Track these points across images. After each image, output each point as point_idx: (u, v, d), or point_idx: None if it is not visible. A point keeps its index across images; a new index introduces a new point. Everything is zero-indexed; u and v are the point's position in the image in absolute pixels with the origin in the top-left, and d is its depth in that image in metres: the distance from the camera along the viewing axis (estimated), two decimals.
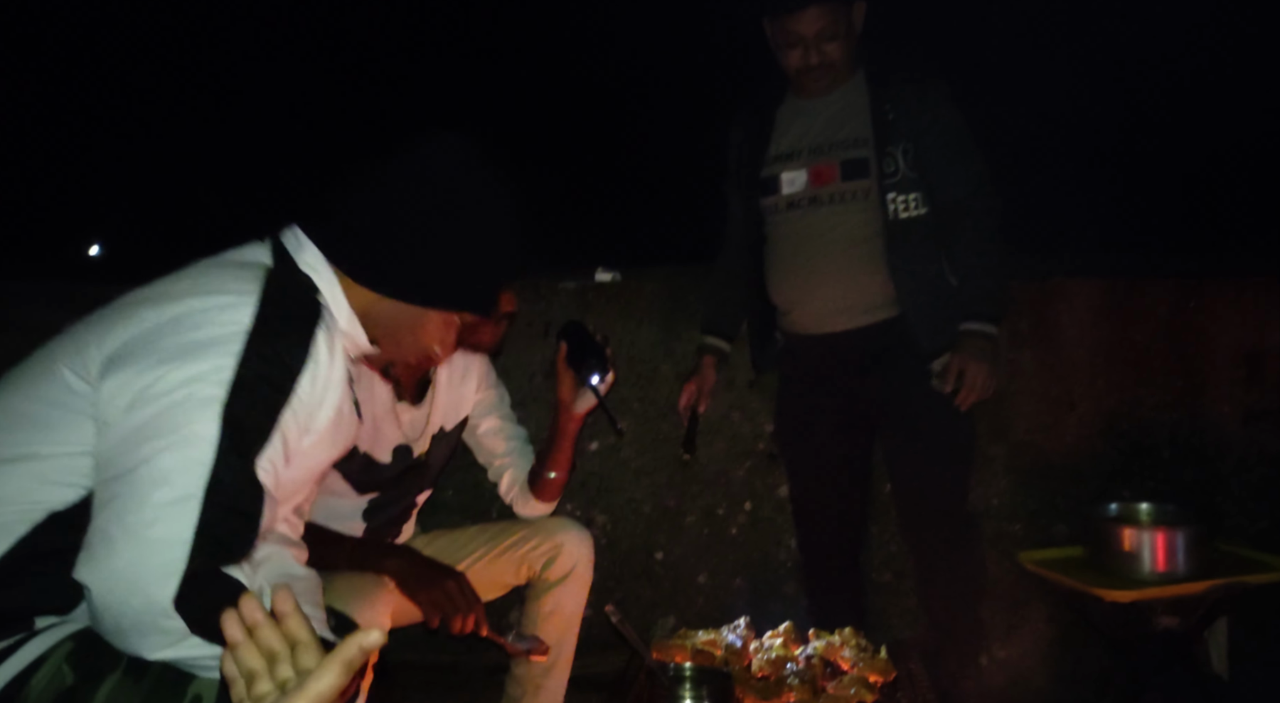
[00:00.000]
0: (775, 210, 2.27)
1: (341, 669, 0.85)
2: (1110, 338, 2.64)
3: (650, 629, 2.68)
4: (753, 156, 2.30)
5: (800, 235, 2.23)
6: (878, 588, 2.60)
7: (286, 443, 1.21)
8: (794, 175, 2.24)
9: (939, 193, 2.17)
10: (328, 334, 1.25)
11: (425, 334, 1.43)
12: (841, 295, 2.20)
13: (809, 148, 2.24)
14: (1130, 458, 2.61)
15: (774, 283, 2.30)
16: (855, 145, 2.19)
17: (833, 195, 2.20)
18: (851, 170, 2.19)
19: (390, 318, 1.39)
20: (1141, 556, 2.14)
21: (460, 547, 2.18)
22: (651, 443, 2.73)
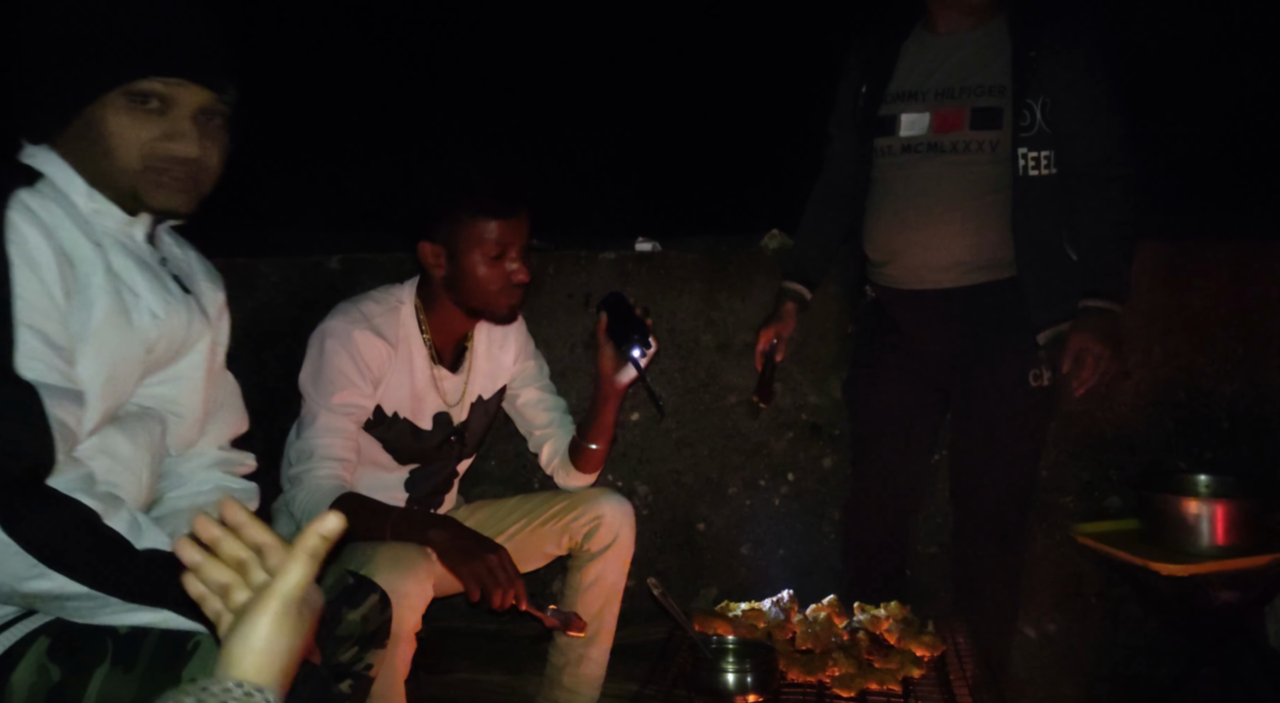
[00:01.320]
0: (888, 153, 2.12)
1: (308, 560, 0.86)
2: (1168, 304, 2.55)
3: (692, 600, 2.68)
4: (871, 92, 2.15)
5: (913, 183, 2.08)
6: (923, 560, 2.57)
7: (47, 335, 1.16)
8: (915, 117, 2.08)
9: (1072, 154, 2.02)
10: (27, 211, 1.17)
11: (110, 135, 1.26)
12: (951, 251, 2.06)
13: (936, 89, 2.07)
14: (1187, 428, 2.52)
15: (874, 231, 2.16)
16: (990, 93, 2.02)
17: (956, 144, 2.04)
18: (982, 119, 2.02)
19: (80, 152, 1.27)
20: (1200, 529, 2.07)
21: (502, 517, 2.19)
22: (693, 414, 2.71)
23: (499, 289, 1.95)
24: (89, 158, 1.29)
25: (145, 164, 1.29)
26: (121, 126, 1.27)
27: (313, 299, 2.70)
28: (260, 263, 2.81)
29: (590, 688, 2.17)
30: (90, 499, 1.15)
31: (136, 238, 1.35)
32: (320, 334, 1.96)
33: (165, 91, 1.28)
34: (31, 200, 1.20)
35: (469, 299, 1.98)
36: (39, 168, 1.27)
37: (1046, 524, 2.53)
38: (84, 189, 1.28)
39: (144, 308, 1.32)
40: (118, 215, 1.32)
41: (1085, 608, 2.53)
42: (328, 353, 1.92)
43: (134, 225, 1.34)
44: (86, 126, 1.28)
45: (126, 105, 1.27)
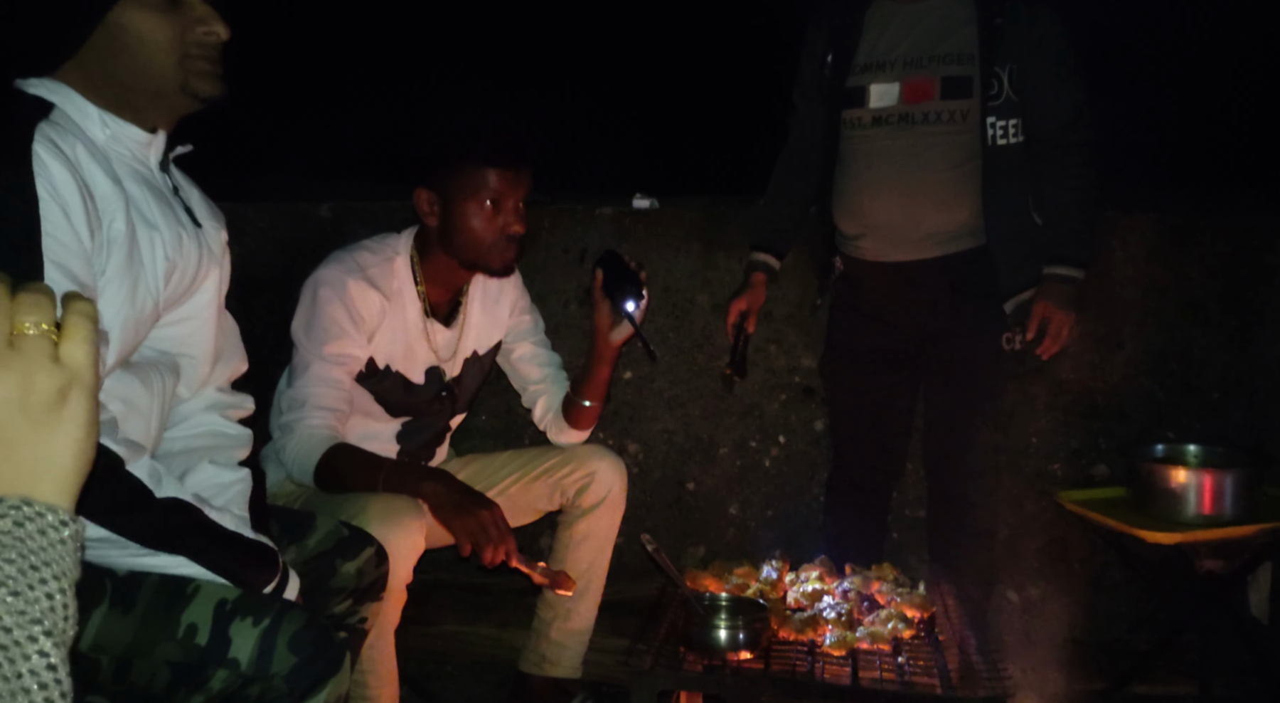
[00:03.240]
0: (857, 125, 2.10)
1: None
2: (1163, 275, 2.55)
3: (679, 559, 2.69)
4: (837, 62, 2.12)
5: (884, 154, 2.07)
6: (910, 523, 2.58)
7: (74, 272, 1.13)
8: (885, 88, 2.06)
9: (1035, 121, 2.03)
10: (53, 146, 1.14)
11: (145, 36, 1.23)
12: (926, 223, 2.06)
13: (904, 59, 2.05)
14: (1178, 399, 2.54)
15: (845, 204, 2.15)
16: (959, 61, 2.02)
17: (928, 114, 2.03)
18: (952, 88, 2.02)
19: (109, 63, 1.23)
20: (1187, 497, 2.09)
21: (494, 472, 2.18)
22: (685, 374, 2.70)
23: (492, 242, 1.92)
24: (117, 70, 1.24)
25: (183, 53, 1.26)
26: (150, 25, 1.23)
27: (302, 247, 2.65)
28: (249, 209, 2.76)
29: (578, 643, 2.18)
30: (115, 445, 1.14)
31: (151, 164, 1.32)
32: (314, 283, 1.92)
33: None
34: (53, 133, 1.16)
35: (462, 251, 1.94)
36: (48, 98, 1.22)
37: (1033, 490, 2.55)
38: (97, 116, 1.24)
39: (160, 241, 1.29)
40: (136, 137, 1.28)
41: (1068, 574, 2.56)
42: (321, 302, 1.89)
43: (150, 148, 1.30)
44: (110, 37, 1.23)
45: (144, 3, 1.23)
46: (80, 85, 1.25)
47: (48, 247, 1.11)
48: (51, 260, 1.11)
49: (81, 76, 1.24)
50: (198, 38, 1.27)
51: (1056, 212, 2.07)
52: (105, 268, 1.20)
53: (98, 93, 1.25)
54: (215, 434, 1.48)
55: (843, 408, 2.34)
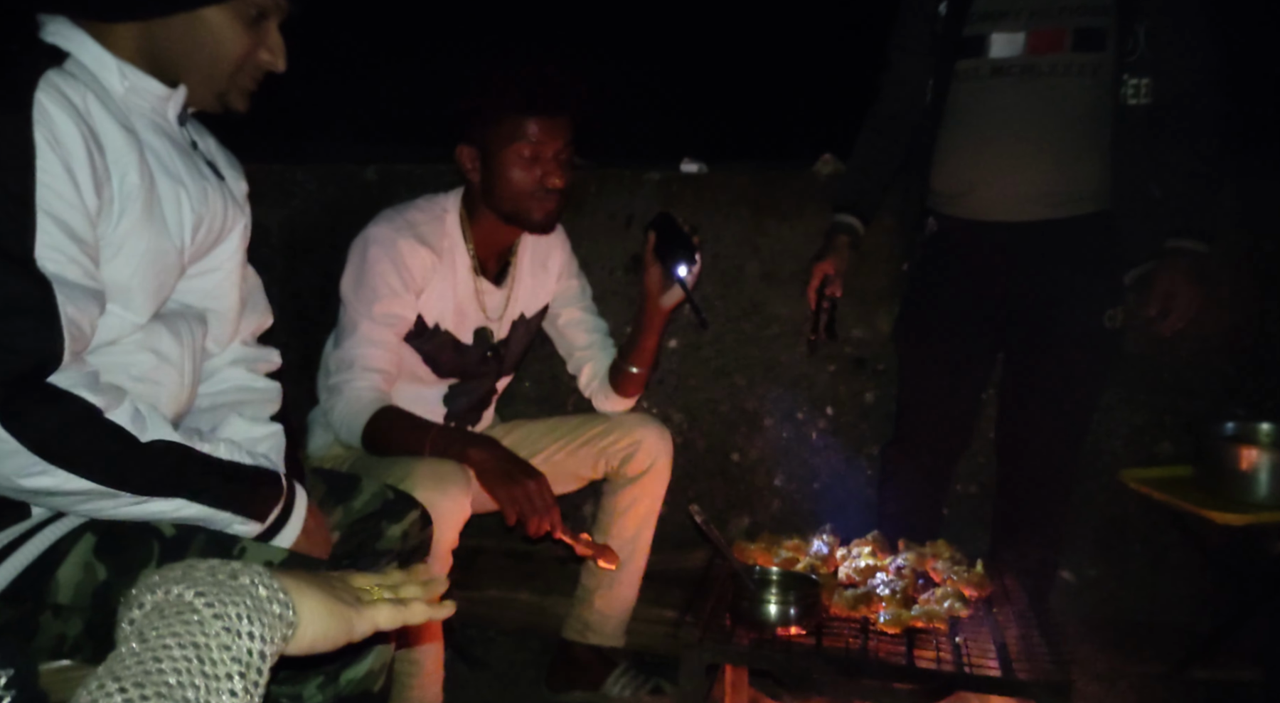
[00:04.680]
0: (974, 76, 1.99)
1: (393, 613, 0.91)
2: (1240, 245, 2.42)
3: (725, 530, 2.66)
4: (953, 11, 2.00)
5: (1004, 107, 1.95)
6: (963, 499, 2.52)
7: (70, 226, 1.10)
8: (1008, 38, 1.94)
9: (1167, 82, 1.91)
10: (58, 93, 1.10)
11: (220, 42, 1.24)
12: (1042, 181, 1.95)
13: (1030, 8, 1.93)
14: (1249, 375, 2.43)
15: (951, 159, 2.03)
16: (1093, 11, 1.90)
17: (1055, 66, 1.91)
18: (1086, 40, 1.90)
19: (171, 44, 1.23)
20: (1258, 478, 2.00)
21: (539, 438, 2.15)
22: (733, 342, 2.64)
23: (531, 192, 1.87)
24: (174, 51, 1.23)
25: (240, 68, 1.28)
26: (231, 33, 1.25)
27: (348, 209, 2.63)
28: (297, 171, 2.75)
29: (621, 612, 2.16)
30: (92, 395, 1.10)
31: (170, 117, 1.29)
32: (363, 241, 1.90)
33: (270, 4, 1.27)
34: (62, 82, 1.12)
35: (501, 202, 1.90)
36: (64, 47, 1.19)
37: (1093, 468, 2.46)
38: (116, 67, 1.21)
39: (184, 194, 1.27)
40: (156, 91, 1.25)
41: (1128, 554, 2.48)
42: (370, 260, 1.86)
43: (169, 102, 1.28)
44: (189, 23, 1.23)
45: (240, 13, 1.24)
46: (117, 40, 1.22)
47: (42, 197, 1.08)
48: (45, 211, 1.08)
49: (131, 36, 1.22)
50: (259, 61, 1.29)
51: (1183, 181, 1.95)
52: (119, 221, 1.17)
53: (134, 52, 1.22)
54: (243, 389, 1.47)
55: (916, 374, 2.24)
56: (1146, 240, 1.97)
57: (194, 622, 0.69)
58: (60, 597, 1.17)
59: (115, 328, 1.21)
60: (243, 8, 1.24)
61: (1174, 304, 1.94)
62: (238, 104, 1.31)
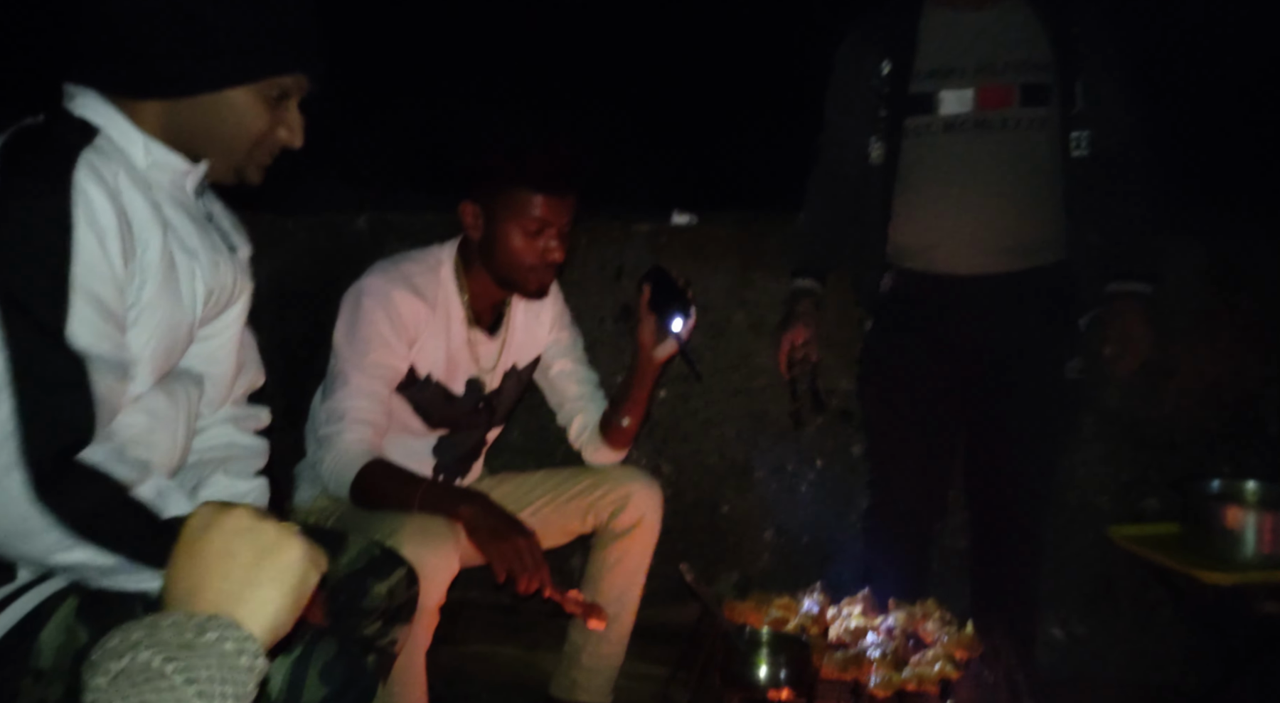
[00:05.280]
0: (925, 132, 2.03)
1: None
2: (1217, 302, 2.47)
3: (712, 585, 2.63)
4: (897, 70, 2.05)
5: (962, 161, 1.99)
6: (951, 555, 2.51)
7: (103, 302, 1.12)
8: (958, 94, 1.99)
9: (1103, 134, 1.99)
10: (94, 173, 1.13)
11: (243, 120, 1.26)
12: (1006, 233, 2.00)
13: (976, 66, 1.99)
14: (1232, 431, 2.45)
15: (909, 214, 2.06)
16: (1036, 69, 1.97)
17: (1006, 120, 1.98)
18: (1032, 96, 1.97)
19: (194, 121, 1.25)
20: (1245, 537, 2.00)
21: (528, 491, 2.14)
22: (721, 394, 2.65)
23: (530, 265, 1.90)
24: (196, 126, 1.26)
25: (259, 145, 1.30)
26: (253, 113, 1.27)
27: (339, 258, 2.64)
28: (287, 220, 2.76)
29: (609, 669, 2.14)
30: (122, 469, 1.13)
31: (188, 190, 1.32)
32: (356, 292, 1.90)
33: (292, 84, 1.29)
34: (97, 161, 1.15)
35: (499, 268, 1.92)
36: (93, 121, 1.22)
37: (1080, 523, 2.47)
38: (141, 142, 1.24)
39: (199, 269, 1.29)
40: (177, 166, 1.28)
41: (1117, 612, 2.47)
42: (364, 311, 1.87)
43: (189, 176, 1.30)
44: (213, 101, 1.25)
45: (263, 94, 1.27)
46: (142, 114, 1.24)
47: (79, 274, 1.10)
48: (81, 288, 1.10)
49: (156, 112, 1.25)
50: (278, 138, 1.31)
51: (1127, 227, 2.03)
52: (140, 295, 1.20)
53: (158, 126, 1.25)
54: (230, 445, 1.48)
55: (884, 434, 2.25)
56: (1100, 286, 2.04)
57: (165, 689, 0.67)
58: (42, 662, 1.15)
59: None
60: (265, 88, 1.26)
61: (1127, 344, 2.00)
62: (254, 177, 1.33)
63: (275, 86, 1.28)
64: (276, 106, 1.29)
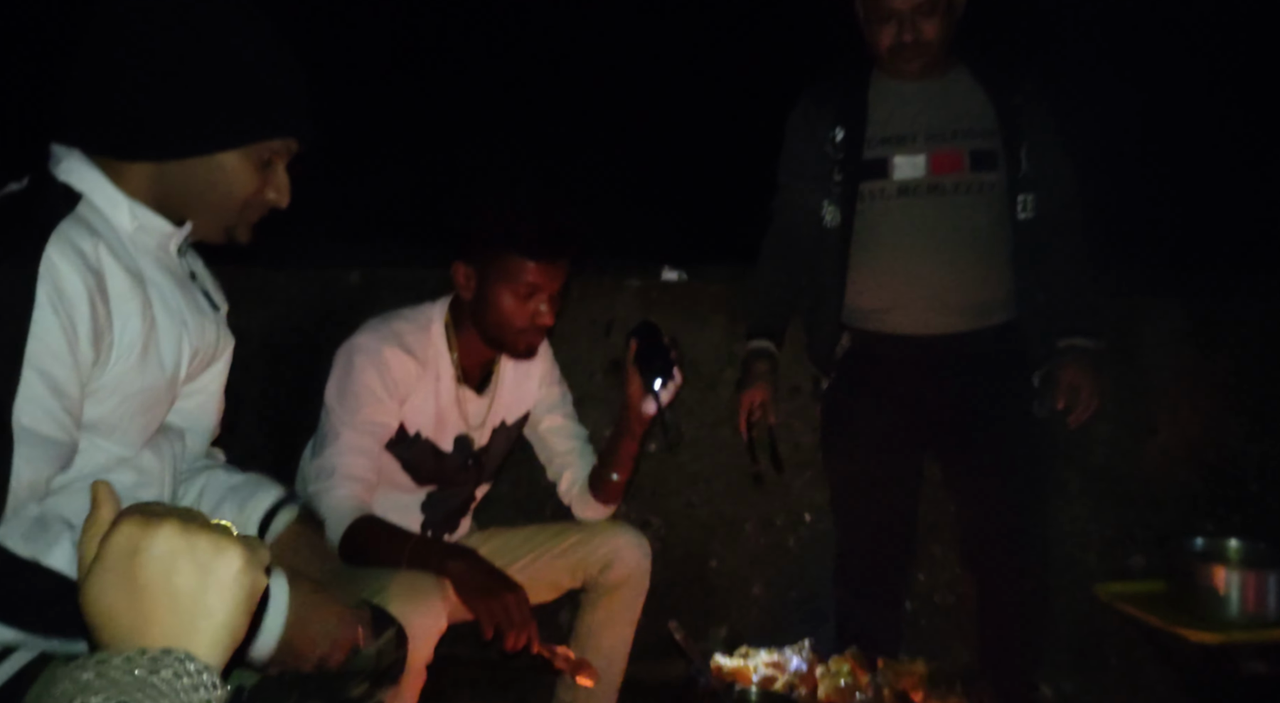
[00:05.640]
0: (880, 196, 2.10)
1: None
2: (1196, 362, 2.52)
3: (702, 640, 2.62)
4: (850, 137, 2.12)
5: (918, 224, 2.07)
6: (939, 610, 2.52)
7: (57, 382, 1.10)
8: (910, 160, 2.08)
9: (1044, 196, 2.09)
10: (69, 247, 1.11)
11: (233, 183, 1.26)
12: (965, 291, 2.08)
13: (926, 132, 2.09)
14: (1214, 489, 2.48)
15: (866, 277, 2.12)
16: (983, 136, 2.07)
17: (958, 185, 2.07)
18: (981, 161, 2.07)
19: (183, 183, 1.25)
20: (1230, 596, 2.01)
21: (516, 546, 2.14)
22: (710, 448, 2.66)
23: (520, 328, 1.91)
24: (185, 189, 1.26)
25: (248, 205, 1.30)
26: (243, 177, 1.27)
27: (331, 313, 2.66)
28: (280, 274, 2.78)
29: None
30: (25, 544, 1.08)
31: (171, 251, 1.32)
32: (349, 349, 1.92)
33: (282, 147, 1.30)
34: (74, 233, 1.14)
35: (488, 328, 1.94)
36: (77, 186, 1.21)
37: (1067, 580, 2.48)
38: (127, 206, 1.23)
39: (185, 332, 1.30)
40: (163, 229, 1.28)
41: (1104, 668, 2.48)
42: (356, 369, 1.88)
43: (173, 239, 1.30)
44: (203, 164, 1.25)
45: (253, 157, 1.27)
46: (128, 176, 1.24)
47: (33, 352, 1.08)
48: (33, 366, 1.09)
49: (143, 175, 1.24)
50: (266, 199, 1.32)
51: (1071, 285, 2.12)
52: (115, 366, 1.18)
53: (144, 189, 1.24)
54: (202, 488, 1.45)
55: (847, 493, 2.28)
56: (1045, 343, 2.12)
57: None
58: None
59: (103, 461, 1.22)
60: (256, 152, 1.27)
61: (1078, 397, 2.06)
62: (243, 236, 1.34)
63: (266, 150, 1.28)
64: (265, 168, 1.30)
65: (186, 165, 1.25)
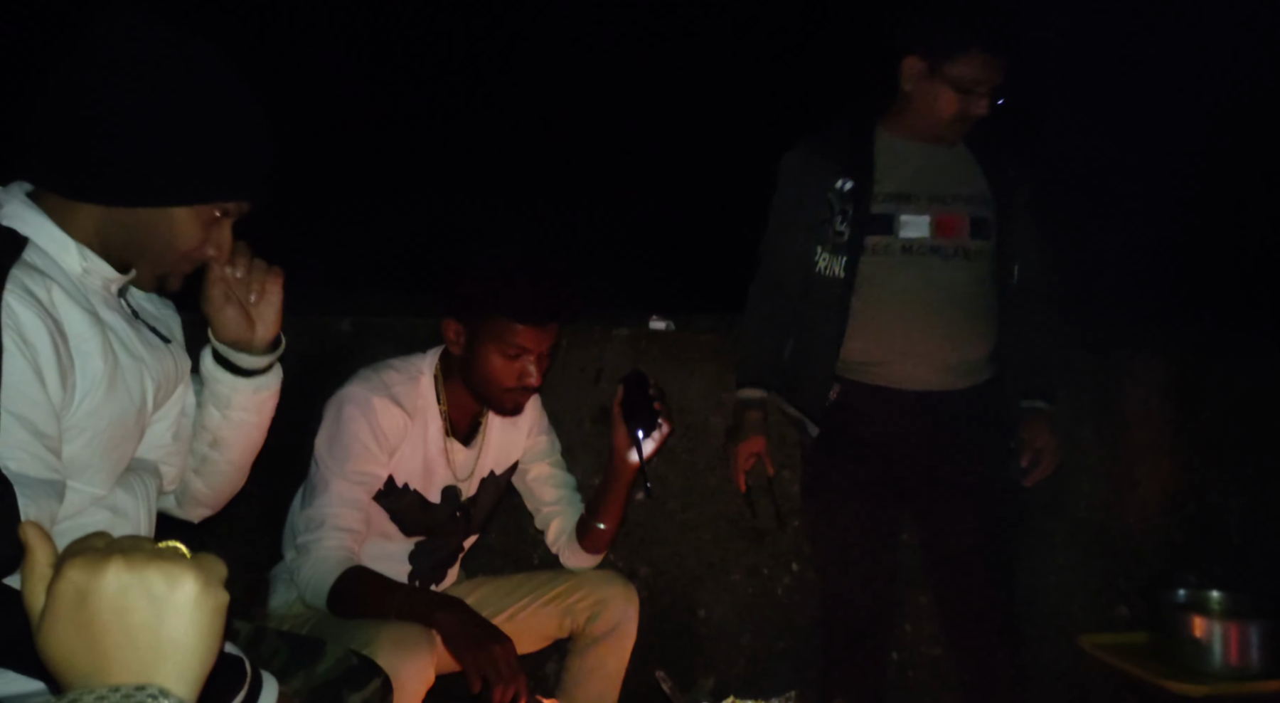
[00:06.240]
0: (884, 252, 2.12)
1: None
2: (1177, 417, 2.56)
3: (690, 690, 2.60)
4: (858, 190, 2.13)
5: (915, 284, 2.11)
6: (927, 662, 2.52)
7: (35, 424, 1.11)
8: (915, 219, 2.12)
9: (1023, 266, 2.18)
10: (24, 292, 1.12)
11: (177, 236, 1.26)
12: (951, 353, 2.13)
13: (930, 194, 2.13)
14: (1196, 541, 2.51)
15: (865, 330, 2.14)
16: (981, 204, 2.14)
17: (958, 249, 2.12)
18: (979, 228, 2.13)
19: (129, 230, 1.25)
20: (1213, 648, 2.04)
21: (504, 595, 2.13)
22: (698, 497, 2.67)
23: (507, 388, 1.93)
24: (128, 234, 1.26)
25: (186, 257, 1.31)
26: (188, 229, 1.28)
27: (321, 361, 2.67)
28: None
29: None
30: None
31: (113, 292, 1.32)
32: (339, 400, 1.93)
33: (234, 207, 1.31)
34: (27, 278, 1.15)
35: (475, 385, 1.96)
36: (22, 230, 1.21)
37: (1053, 632, 2.49)
38: (76, 250, 1.24)
39: (145, 369, 1.30)
40: (106, 274, 1.27)
41: None
42: (345, 420, 1.89)
43: (114, 283, 1.30)
44: (154, 216, 1.25)
45: (203, 214, 1.28)
46: (74, 219, 1.24)
47: (8, 398, 1.09)
48: (10, 411, 1.10)
49: (91, 220, 1.24)
50: (204, 254, 1.32)
51: (1040, 351, 2.21)
52: (81, 405, 1.19)
53: (90, 232, 1.25)
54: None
55: (830, 545, 2.28)
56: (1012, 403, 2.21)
57: None
58: None
59: (77, 503, 1.22)
60: (207, 209, 1.28)
61: (1037, 455, 2.15)
62: (174, 286, 1.35)
63: (218, 208, 1.29)
64: (211, 224, 1.29)
65: (135, 213, 1.25)
